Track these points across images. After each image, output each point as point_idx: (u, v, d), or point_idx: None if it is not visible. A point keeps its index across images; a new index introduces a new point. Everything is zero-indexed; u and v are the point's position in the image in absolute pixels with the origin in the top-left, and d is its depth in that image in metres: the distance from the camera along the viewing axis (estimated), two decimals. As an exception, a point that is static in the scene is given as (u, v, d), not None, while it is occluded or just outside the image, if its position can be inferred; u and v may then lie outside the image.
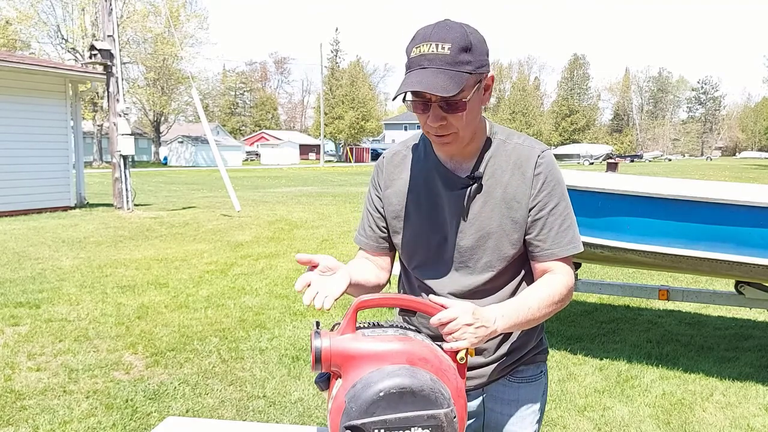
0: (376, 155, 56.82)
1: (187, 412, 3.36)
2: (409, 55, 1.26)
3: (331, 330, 1.18)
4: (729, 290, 4.41)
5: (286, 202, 15.30)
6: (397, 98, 1.27)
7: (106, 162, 38.06)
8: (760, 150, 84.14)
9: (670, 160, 64.52)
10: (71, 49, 39.63)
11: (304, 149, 67.77)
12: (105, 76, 12.21)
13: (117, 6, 13.65)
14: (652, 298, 4.63)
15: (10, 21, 36.61)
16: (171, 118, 51.71)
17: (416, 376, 1.09)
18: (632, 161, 56.94)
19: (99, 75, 12.53)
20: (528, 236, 1.39)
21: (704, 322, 5.22)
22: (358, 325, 1.18)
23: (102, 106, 39.02)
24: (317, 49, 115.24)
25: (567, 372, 4.02)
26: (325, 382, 1.19)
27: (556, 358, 4.24)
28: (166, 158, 50.12)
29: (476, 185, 1.37)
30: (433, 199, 1.42)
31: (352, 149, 61.47)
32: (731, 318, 5.34)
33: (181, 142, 49.86)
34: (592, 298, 5.87)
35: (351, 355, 1.12)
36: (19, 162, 11.78)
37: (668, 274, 6.69)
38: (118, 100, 12.07)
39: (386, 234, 1.51)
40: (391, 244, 1.53)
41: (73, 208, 12.69)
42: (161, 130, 51.51)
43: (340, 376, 1.14)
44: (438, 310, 1.19)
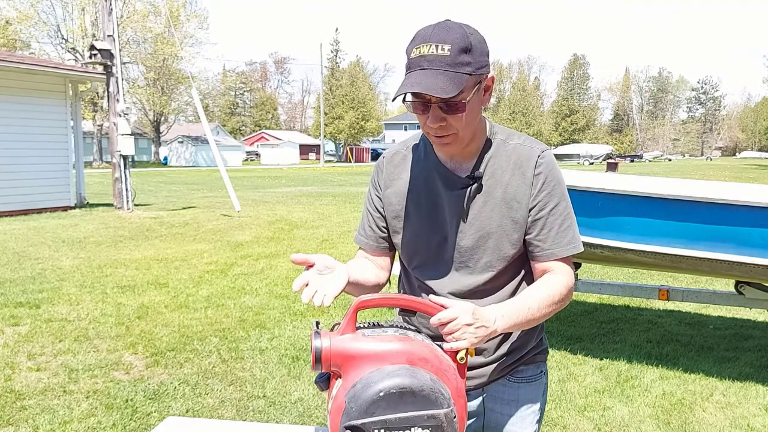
0: (376, 155, 56.82)
1: (187, 412, 3.36)
2: (409, 56, 1.27)
3: (331, 330, 1.18)
4: (729, 290, 4.41)
5: (286, 202, 15.30)
6: (397, 99, 1.27)
7: (106, 162, 38.05)
8: (760, 150, 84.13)
9: (670, 160, 64.52)
10: (71, 49, 39.63)
11: (304, 149, 67.77)
12: (105, 76, 12.21)
13: (117, 6, 13.65)
14: (652, 298, 4.63)
15: (10, 21, 36.62)
16: (171, 118, 51.72)
17: (416, 376, 1.09)
18: (632, 161, 56.94)
19: (99, 75, 12.53)
20: (528, 236, 1.39)
21: (704, 322, 5.22)
22: (358, 325, 1.18)
23: (102, 106, 39.03)
24: (317, 49, 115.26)
25: (567, 372, 4.03)
26: (325, 382, 1.19)
27: (556, 358, 4.24)
28: (166, 158, 50.12)
29: (476, 185, 1.37)
30: (433, 199, 1.42)
31: (352, 149, 61.47)
32: (731, 318, 5.34)
33: (181, 142, 49.86)
34: (592, 298, 5.87)
35: (351, 355, 1.12)
36: (19, 162, 11.78)
37: (668, 274, 6.69)
38: (118, 100, 12.07)
39: (386, 234, 1.51)
40: (391, 244, 1.53)
41: (73, 208, 12.70)
42: (161, 130, 51.52)
43: (340, 376, 1.14)
44: (438, 310, 1.19)
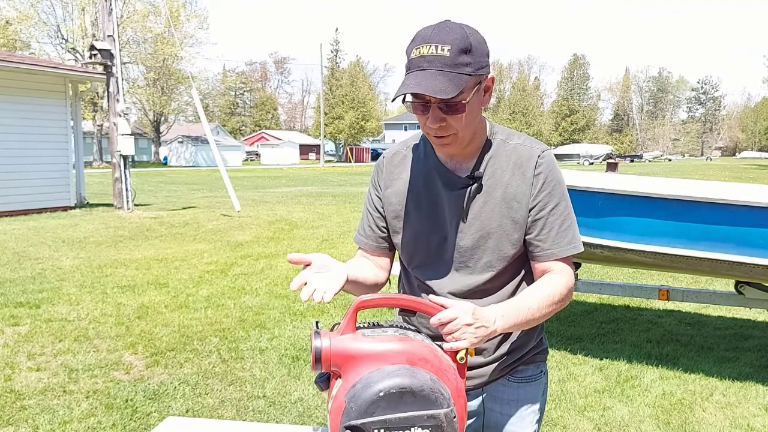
0: (376, 155, 56.81)
1: (187, 412, 3.36)
2: (408, 57, 1.27)
3: (331, 330, 1.18)
4: (729, 290, 4.41)
5: (286, 202, 15.30)
6: (397, 99, 1.27)
7: (106, 162, 38.05)
8: (760, 150, 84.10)
9: (670, 160, 64.51)
10: (71, 49, 39.62)
11: (304, 149, 67.77)
12: (105, 76, 12.21)
13: (117, 6, 13.66)
14: (652, 298, 4.63)
15: (10, 21, 36.61)
16: (171, 118, 51.71)
17: (416, 376, 1.09)
18: (632, 161, 56.94)
19: (99, 75, 12.53)
20: (528, 236, 1.39)
21: (704, 322, 5.22)
22: (358, 325, 1.18)
23: (102, 106, 39.02)
24: (317, 49, 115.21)
25: (567, 372, 4.03)
26: (325, 382, 1.19)
27: (556, 358, 4.24)
28: (166, 158, 50.12)
29: (476, 185, 1.37)
30: (433, 199, 1.42)
31: (352, 149, 61.47)
32: (731, 318, 5.34)
33: (181, 142, 49.86)
34: (592, 298, 5.87)
35: (351, 355, 1.12)
36: (19, 162, 11.78)
37: (668, 274, 6.69)
38: (118, 100, 12.07)
39: (386, 234, 1.52)
40: (391, 244, 1.53)
41: (73, 208, 12.69)
42: (161, 130, 51.52)
43: (340, 376, 1.14)
44: (438, 310, 1.19)
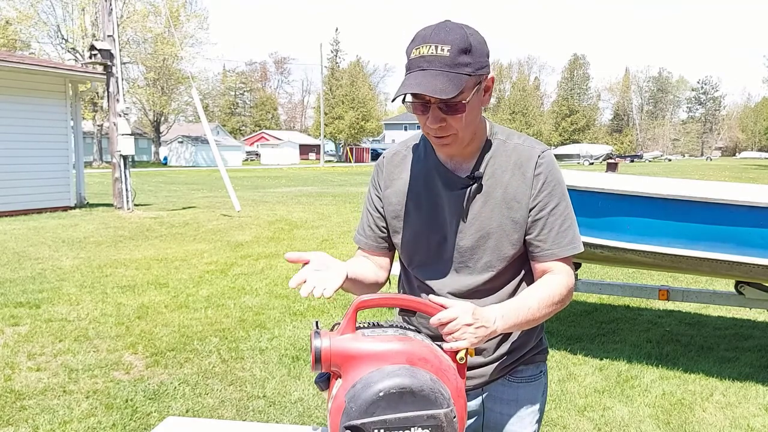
0: (376, 155, 56.81)
1: (187, 412, 3.36)
2: (408, 57, 1.27)
3: (331, 330, 1.18)
4: (729, 290, 4.41)
5: (286, 202, 15.30)
6: (397, 99, 1.27)
7: (106, 162, 38.05)
8: (760, 150, 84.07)
9: (670, 160, 64.50)
10: (71, 49, 39.62)
11: (304, 149, 67.77)
12: (105, 76, 12.21)
13: (117, 6, 13.65)
14: (652, 298, 4.63)
15: (10, 21, 36.61)
16: (171, 118, 51.71)
17: (416, 376, 1.09)
18: (632, 161, 56.93)
19: (99, 75, 12.53)
20: (528, 236, 1.39)
21: (704, 322, 5.22)
22: (357, 325, 1.18)
23: (102, 106, 39.02)
24: (317, 49, 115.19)
25: (567, 372, 4.03)
26: (325, 382, 1.19)
27: (556, 358, 4.24)
28: (166, 158, 50.12)
29: (476, 185, 1.37)
30: (433, 199, 1.42)
31: (352, 149, 61.47)
32: (731, 318, 5.34)
33: (181, 142, 49.86)
34: (592, 298, 5.87)
35: (351, 355, 1.12)
36: (19, 162, 11.78)
37: (668, 274, 6.69)
38: (118, 100, 12.07)
39: (386, 234, 1.52)
40: (391, 244, 1.53)
41: (73, 208, 12.69)
42: (161, 130, 51.51)
43: (340, 376, 1.14)
44: (438, 310, 1.19)
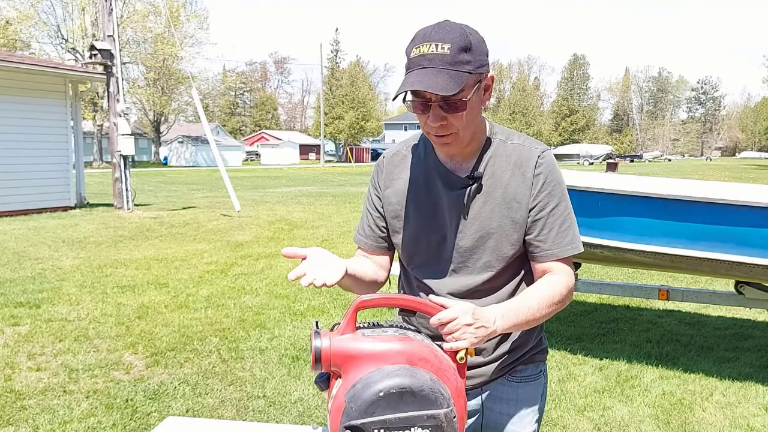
0: (376, 155, 56.81)
1: (187, 412, 3.36)
2: (408, 56, 1.27)
3: (331, 330, 1.18)
4: (729, 290, 4.41)
5: (286, 202, 15.30)
6: (398, 98, 1.27)
7: (106, 162, 38.05)
8: (760, 150, 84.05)
9: (670, 160, 64.50)
10: (71, 49, 39.61)
11: (304, 149, 67.77)
12: (105, 76, 12.21)
13: (117, 6, 13.65)
14: (652, 298, 4.63)
15: (10, 21, 36.60)
16: (171, 118, 51.69)
17: (416, 376, 1.09)
18: (632, 161, 56.93)
19: (99, 75, 12.53)
20: (528, 237, 1.39)
21: (704, 322, 5.22)
22: (357, 325, 1.18)
23: (102, 106, 39.02)
24: (317, 49, 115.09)
25: (567, 372, 4.03)
26: (325, 382, 1.19)
27: (556, 358, 4.24)
28: (166, 158, 50.12)
29: (476, 185, 1.37)
30: (432, 199, 1.42)
31: (352, 149, 61.46)
32: (731, 318, 5.34)
33: (181, 142, 49.86)
34: (592, 298, 5.87)
35: (351, 355, 1.12)
36: (19, 162, 11.78)
37: (668, 274, 6.68)
38: (118, 100, 12.07)
39: (386, 234, 1.52)
40: (391, 243, 1.53)
41: (73, 208, 12.69)
42: (161, 130, 51.50)
43: (340, 376, 1.14)
44: (438, 310, 1.19)
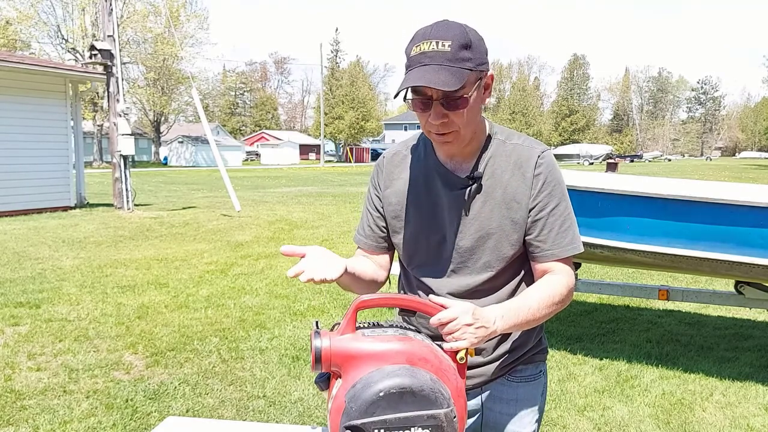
0: (376, 155, 56.79)
1: (187, 412, 3.36)
2: (408, 55, 1.26)
3: (331, 330, 1.18)
4: (729, 290, 4.41)
5: (286, 202, 15.30)
6: (398, 97, 1.27)
7: (106, 162, 38.04)
8: (760, 150, 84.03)
9: (670, 160, 64.48)
10: (71, 49, 39.61)
11: (304, 149, 67.76)
12: (105, 76, 12.21)
13: (117, 6, 13.65)
14: (652, 298, 4.63)
15: (10, 21, 36.60)
16: (171, 118, 51.70)
17: (416, 376, 1.09)
18: (632, 161, 56.92)
19: (99, 75, 12.53)
20: (528, 237, 1.39)
21: (704, 322, 5.22)
22: (357, 325, 1.18)
23: (102, 106, 39.01)
24: (317, 49, 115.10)
25: (567, 372, 4.03)
26: (325, 382, 1.19)
27: (556, 358, 4.24)
28: (166, 158, 50.12)
29: (476, 185, 1.37)
30: (432, 199, 1.42)
31: (352, 149, 61.46)
32: (731, 318, 5.34)
33: (181, 142, 49.85)
34: (592, 298, 5.87)
35: (351, 355, 1.12)
36: (19, 162, 11.78)
37: (668, 274, 6.68)
38: (118, 100, 12.07)
39: (385, 234, 1.52)
40: (390, 243, 1.53)
41: (73, 208, 12.69)
42: (161, 130, 51.50)
43: (340, 376, 1.14)
44: (438, 310, 1.19)
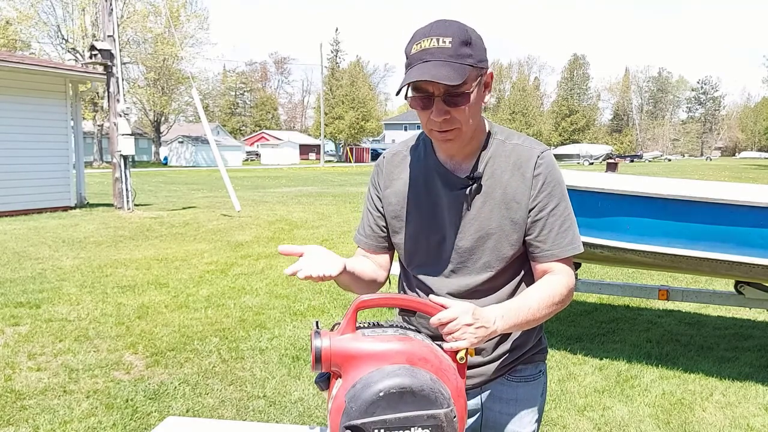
0: (376, 155, 56.78)
1: (188, 412, 3.36)
2: (409, 54, 1.26)
3: (331, 330, 1.18)
4: (729, 290, 4.41)
5: (286, 202, 15.29)
6: (399, 96, 1.27)
7: (107, 162, 38.04)
8: (760, 150, 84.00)
9: (670, 160, 64.47)
10: (71, 49, 39.60)
11: (304, 149, 67.76)
12: (105, 76, 12.20)
13: (117, 6, 13.64)
14: (652, 298, 4.63)
15: (10, 21, 36.60)
16: (171, 118, 51.69)
17: (416, 376, 1.09)
18: (632, 161, 56.91)
19: (99, 75, 12.53)
20: (528, 237, 1.39)
21: (704, 322, 5.22)
22: (358, 325, 1.18)
23: (102, 106, 39.02)
24: (317, 49, 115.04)
25: (567, 372, 4.03)
26: (325, 382, 1.19)
27: (556, 358, 4.24)
28: (166, 158, 50.12)
29: (476, 185, 1.37)
30: (432, 199, 1.42)
31: (352, 149, 61.45)
32: (731, 318, 5.34)
33: (182, 142, 49.85)
34: (592, 298, 5.87)
35: (351, 355, 1.12)
36: (19, 162, 11.78)
37: (668, 274, 6.68)
38: (118, 100, 12.07)
39: (386, 234, 1.52)
40: (390, 243, 1.53)
41: (73, 208, 12.69)
42: (161, 130, 51.50)
43: (340, 376, 1.14)
44: (438, 310, 1.19)
